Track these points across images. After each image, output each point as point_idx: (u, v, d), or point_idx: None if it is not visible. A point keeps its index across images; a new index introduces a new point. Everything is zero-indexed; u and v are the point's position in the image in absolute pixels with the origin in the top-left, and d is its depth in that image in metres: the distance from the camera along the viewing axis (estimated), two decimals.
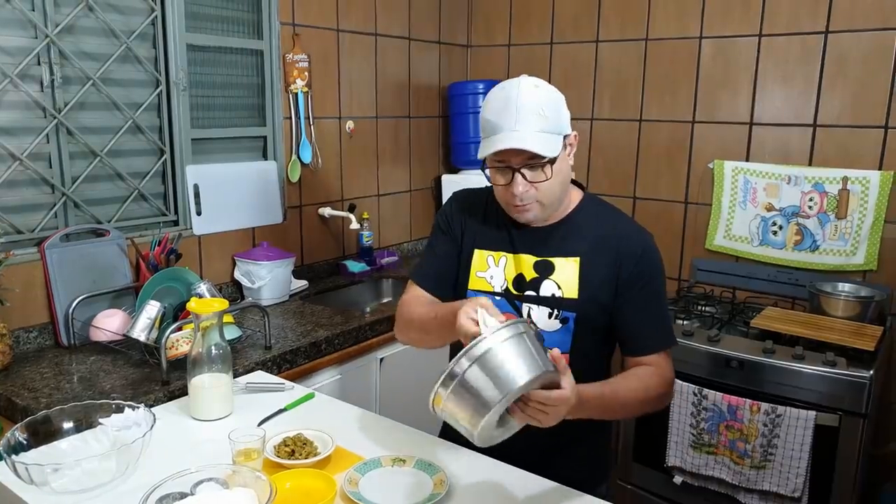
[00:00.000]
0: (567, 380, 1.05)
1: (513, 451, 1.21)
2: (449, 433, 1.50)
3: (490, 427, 1.01)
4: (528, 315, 1.32)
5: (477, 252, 1.37)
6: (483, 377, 0.97)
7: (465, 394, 0.98)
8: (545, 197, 1.25)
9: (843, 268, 2.44)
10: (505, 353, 0.98)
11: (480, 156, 1.23)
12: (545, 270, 1.31)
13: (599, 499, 1.17)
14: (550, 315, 1.30)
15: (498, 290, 1.34)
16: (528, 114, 1.18)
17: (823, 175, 2.43)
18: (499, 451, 1.24)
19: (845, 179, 2.39)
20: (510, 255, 1.34)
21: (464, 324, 1.10)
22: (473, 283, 1.36)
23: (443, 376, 0.99)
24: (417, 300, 1.37)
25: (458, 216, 1.41)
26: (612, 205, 1.39)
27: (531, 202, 1.25)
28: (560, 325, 1.30)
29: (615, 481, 2.45)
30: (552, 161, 1.21)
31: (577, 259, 1.30)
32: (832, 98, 2.41)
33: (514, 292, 1.33)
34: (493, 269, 1.35)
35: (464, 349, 0.99)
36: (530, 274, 1.32)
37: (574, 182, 1.36)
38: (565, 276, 1.30)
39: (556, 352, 1.04)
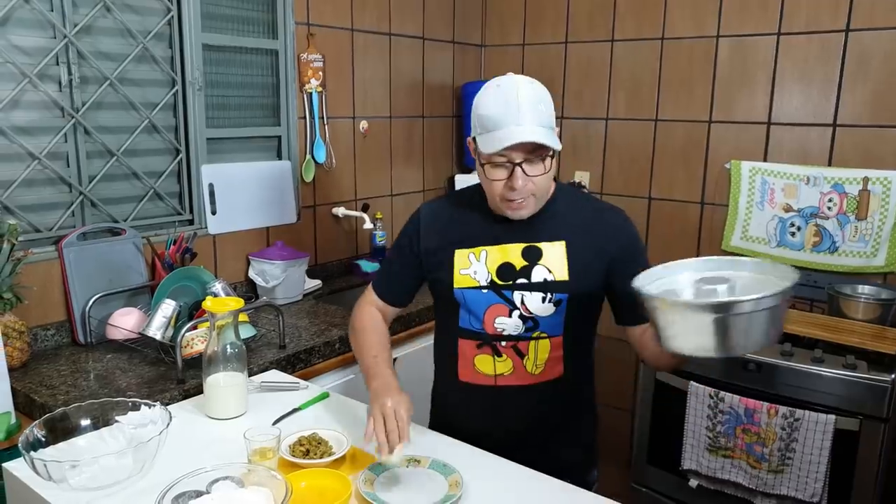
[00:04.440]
0: None
1: (508, 440, 1.37)
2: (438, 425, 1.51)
3: None
4: (522, 302, 1.34)
5: (457, 252, 1.39)
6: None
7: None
8: (539, 190, 1.29)
9: (863, 270, 2.40)
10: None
11: (487, 151, 1.25)
12: (534, 256, 1.35)
13: (607, 498, 1.17)
14: (544, 300, 1.34)
15: (483, 283, 1.36)
16: (529, 109, 1.22)
17: (843, 175, 2.40)
18: (493, 442, 1.33)
19: (866, 180, 2.36)
20: (490, 248, 1.37)
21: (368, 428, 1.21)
22: (458, 282, 1.38)
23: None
24: (370, 306, 1.52)
25: (424, 235, 1.44)
26: (580, 190, 1.46)
27: (527, 196, 1.29)
28: (553, 308, 1.34)
29: (629, 484, 2.43)
30: (552, 154, 1.26)
31: (563, 242, 1.35)
32: (853, 97, 2.38)
33: (500, 282, 1.35)
34: (475, 264, 1.37)
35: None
36: (519, 262, 1.35)
37: None
38: (554, 260, 1.34)
39: None
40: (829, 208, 2.44)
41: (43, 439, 1.18)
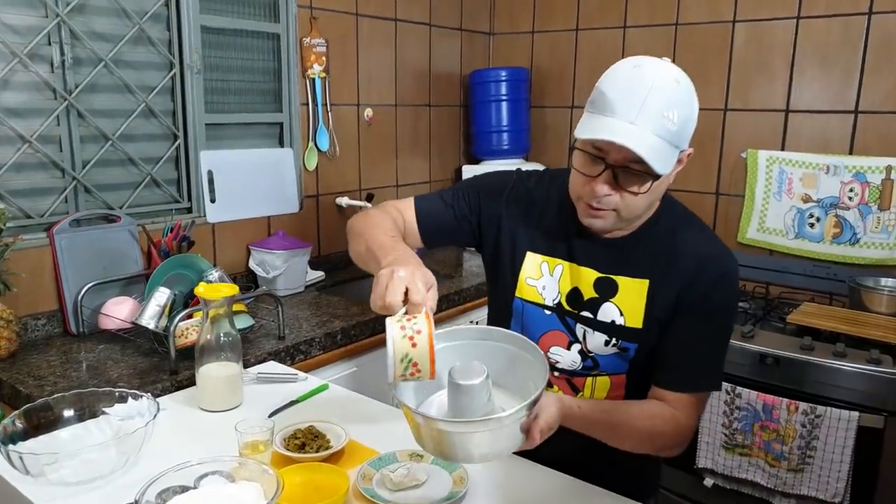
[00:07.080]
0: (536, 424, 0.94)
1: (555, 458, 1.14)
2: None
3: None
4: (584, 337, 1.16)
5: (530, 255, 1.19)
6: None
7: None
8: (626, 210, 1.06)
9: (886, 262, 2.31)
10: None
11: (579, 134, 1.01)
12: (607, 291, 1.14)
13: (630, 499, 1.08)
14: (607, 343, 1.14)
15: (549, 303, 1.18)
16: (654, 110, 0.97)
17: (865, 164, 2.31)
18: (538, 459, 1.16)
19: (889, 168, 2.27)
20: (567, 264, 1.17)
21: (387, 297, 0.92)
22: (521, 291, 1.20)
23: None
24: (394, 216, 1.21)
25: (507, 212, 1.22)
26: (692, 213, 1.19)
27: (608, 209, 1.05)
28: (617, 351, 1.15)
29: None
30: (656, 177, 1.01)
31: (647, 282, 1.11)
32: (876, 83, 2.29)
33: (568, 308, 1.17)
34: (546, 278, 1.18)
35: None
36: (589, 292, 1.15)
37: None
38: (630, 302, 1.12)
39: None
40: (850, 198, 2.36)
41: (22, 430, 1.12)
